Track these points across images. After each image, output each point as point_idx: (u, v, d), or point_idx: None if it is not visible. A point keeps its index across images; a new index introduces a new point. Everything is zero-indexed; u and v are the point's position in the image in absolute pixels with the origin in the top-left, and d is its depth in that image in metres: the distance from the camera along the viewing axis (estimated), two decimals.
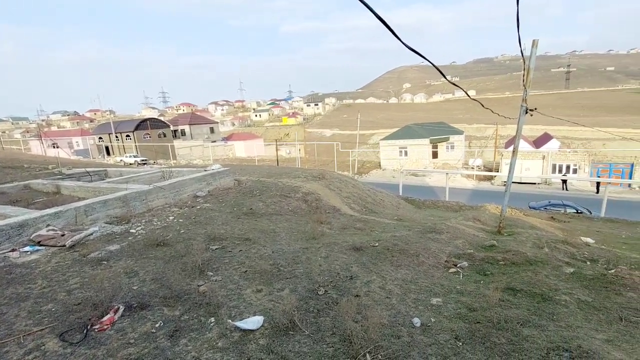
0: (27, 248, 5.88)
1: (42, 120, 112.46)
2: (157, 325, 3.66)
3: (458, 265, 5.72)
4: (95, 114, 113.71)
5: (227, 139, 62.97)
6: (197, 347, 3.31)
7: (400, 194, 21.73)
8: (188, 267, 4.84)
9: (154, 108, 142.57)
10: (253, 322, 3.61)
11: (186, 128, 60.77)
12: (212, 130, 64.75)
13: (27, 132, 75.83)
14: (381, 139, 46.15)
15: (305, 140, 52.57)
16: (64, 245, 5.81)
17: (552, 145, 36.99)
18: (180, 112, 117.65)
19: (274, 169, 19.85)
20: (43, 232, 6.37)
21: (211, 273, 4.76)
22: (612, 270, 5.38)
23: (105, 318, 3.77)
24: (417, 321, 3.79)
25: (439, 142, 41.04)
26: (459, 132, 44.30)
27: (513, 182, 29.66)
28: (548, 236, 8.35)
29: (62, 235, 6.27)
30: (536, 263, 5.76)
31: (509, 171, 9.10)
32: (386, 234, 7.52)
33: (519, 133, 8.69)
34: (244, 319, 3.71)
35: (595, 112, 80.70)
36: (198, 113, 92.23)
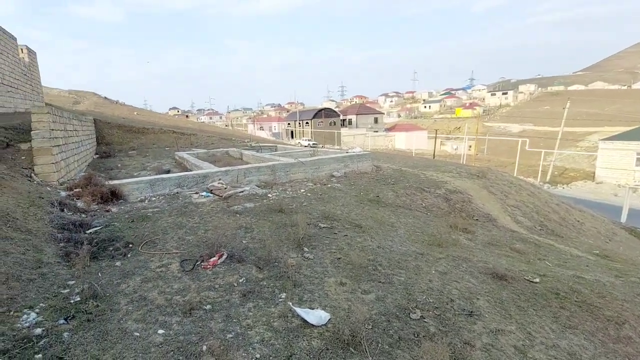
0: (203, 193, 7.61)
1: (259, 110, 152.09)
2: (240, 280, 3.74)
3: None
4: (291, 105, 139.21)
5: (389, 129, 62.14)
6: (257, 316, 3.12)
7: (623, 221, 15.25)
8: (291, 238, 4.79)
9: (332, 100, 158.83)
10: (316, 316, 3.07)
11: (353, 118, 64.72)
12: (376, 120, 66.43)
13: (250, 118, 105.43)
14: (602, 139, 32.41)
15: (478, 134, 43.22)
16: (221, 196, 7.13)
17: None
18: (353, 103, 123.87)
19: (425, 161, 17.78)
20: (215, 183, 8.09)
21: (307, 249, 4.51)
22: None
23: (211, 260, 4.22)
24: None
25: None
26: None
27: None
28: None
29: (225, 188, 7.74)
30: None
31: None
32: (565, 270, 5.10)
33: None
34: (312, 307, 3.23)
35: None
36: (368, 104, 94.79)
